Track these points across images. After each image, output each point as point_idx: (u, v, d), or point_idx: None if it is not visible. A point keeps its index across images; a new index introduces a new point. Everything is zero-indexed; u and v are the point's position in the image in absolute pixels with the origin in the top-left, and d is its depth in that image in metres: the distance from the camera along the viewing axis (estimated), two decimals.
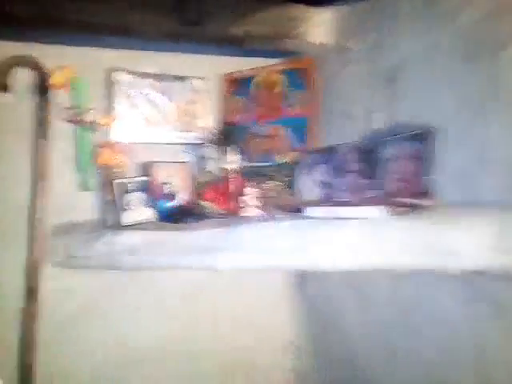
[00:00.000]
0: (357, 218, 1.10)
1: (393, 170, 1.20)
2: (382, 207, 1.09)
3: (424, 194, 1.12)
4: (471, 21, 1.04)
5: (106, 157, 1.43)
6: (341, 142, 1.40)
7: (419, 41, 1.19)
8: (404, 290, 1.26)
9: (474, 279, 1.04)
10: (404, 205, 1.10)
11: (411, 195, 1.12)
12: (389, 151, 1.23)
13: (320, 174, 1.40)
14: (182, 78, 1.59)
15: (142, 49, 1.53)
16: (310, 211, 1.22)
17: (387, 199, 1.13)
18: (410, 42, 1.22)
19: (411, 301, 1.23)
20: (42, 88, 1.40)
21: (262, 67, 1.63)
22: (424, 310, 1.20)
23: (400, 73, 1.25)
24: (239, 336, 1.69)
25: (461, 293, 1.10)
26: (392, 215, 1.07)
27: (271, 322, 1.72)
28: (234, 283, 1.64)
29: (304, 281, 1.70)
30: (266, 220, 1.26)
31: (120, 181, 1.38)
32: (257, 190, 1.38)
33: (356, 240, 1.05)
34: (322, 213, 1.19)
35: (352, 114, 1.44)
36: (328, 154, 1.41)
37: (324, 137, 1.54)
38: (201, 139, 1.54)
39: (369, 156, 1.28)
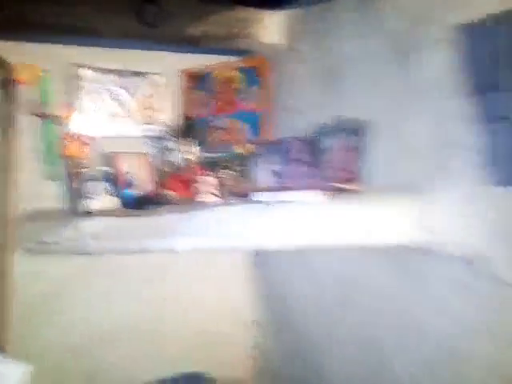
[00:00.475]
0: (298, 202, 1.25)
1: (331, 160, 1.35)
2: (321, 192, 1.24)
3: (357, 179, 1.28)
4: (396, 28, 1.19)
5: (71, 148, 1.52)
6: (291, 135, 1.55)
7: (356, 44, 1.34)
8: (343, 265, 1.42)
9: (398, 253, 1.21)
10: (339, 189, 1.26)
11: (346, 181, 1.28)
12: (329, 143, 1.38)
13: (271, 163, 1.54)
14: (143, 74, 1.68)
15: (105, 46, 1.61)
16: (260, 196, 1.36)
17: (326, 185, 1.29)
18: (348, 45, 1.37)
19: (350, 275, 1.40)
20: (7, 83, 1.46)
21: (220, 64, 1.75)
22: (360, 283, 1.37)
23: (340, 73, 1.40)
24: (203, 316, 1.80)
25: (389, 267, 1.27)
26: (328, 198, 1.22)
27: (233, 302, 1.85)
28: (197, 265, 1.76)
29: (263, 261, 1.84)
30: (221, 205, 1.39)
31: (84, 171, 1.48)
32: (214, 178, 1.50)
33: (297, 221, 1.20)
34: (269, 197, 1.34)
35: (300, 110, 1.59)
36: (279, 145, 1.56)
37: (277, 130, 1.68)
38: (162, 132, 1.65)
39: (313, 147, 1.44)
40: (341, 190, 1.26)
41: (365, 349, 1.37)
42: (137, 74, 1.68)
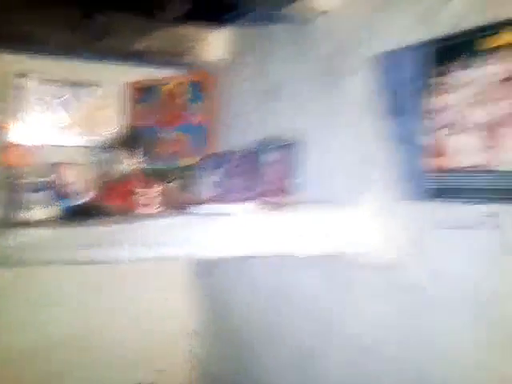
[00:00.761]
0: (236, 213, 1.31)
1: (268, 173, 1.43)
2: (257, 204, 1.31)
3: (290, 192, 1.36)
4: (325, 53, 1.29)
5: (10, 158, 1.50)
6: (233, 149, 1.61)
7: (291, 65, 1.43)
8: (279, 275, 1.49)
9: (327, 263, 1.29)
10: (274, 202, 1.33)
11: (281, 194, 1.36)
12: (266, 157, 1.46)
13: (214, 175, 1.60)
14: (87, 84, 1.70)
15: (51, 55, 1.62)
16: (201, 208, 1.41)
17: (262, 197, 1.35)
18: (284, 66, 1.46)
19: (284, 284, 1.47)
20: None
21: (166, 78, 1.79)
22: (293, 291, 1.44)
23: (277, 91, 1.48)
24: (145, 325, 1.81)
25: (319, 275, 1.35)
26: (264, 210, 1.29)
27: (175, 311, 1.87)
28: (139, 275, 1.77)
29: (204, 270, 1.88)
30: (162, 216, 1.42)
31: (24, 180, 1.46)
32: (156, 189, 1.53)
33: (234, 232, 1.25)
34: (209, 209, 1.39)
35: (243, 125, 1.66)
36: (221, 158, 1.61)
37: (221, 143, 1.74)
38: (105, 142, 1.66)
39: (252, 161, 1.50)
40: (275, 203, 1.32)
41: (298, 354, 1.44)
42: (81, 84, 1.70)
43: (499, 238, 0.92)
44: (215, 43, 1.68)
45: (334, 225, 1.25)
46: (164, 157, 1.72)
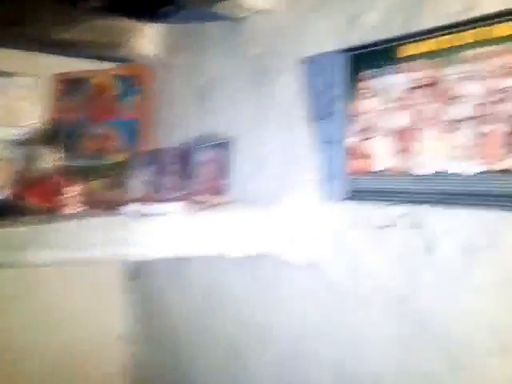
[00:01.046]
0: (167, 213, 1.27)
1: (201, 172, 1.40)
2: (189, 204, 1.28)
3: (223, 192, 1.34)
4: (254, 54, 1.29)
5: None
6: (167, 146, 1.57)
7: (223, 64, 1.42)
8: (210, 275, 1.48)
9: (257, 262, 1.30)
10: (204, 202, 1.31)
11: (213, 193, 1.34)
12: (200, 156, 1.43)
13: (145, 174, 1.54)
14: (8, 74, 1.57)
15: None
16: (129, 208, 1.36)
17: (193, 197, 1.33)
18: (217, 65, 1.44)
19: (215, 285, 1.46)
20: None
21: (97, 70, 1.71)
22: (224, 292, 1.43)
23: (211, 90, 1.47)
24: (74, 331, 1.73)
25: (249, 275, 1.35)
26: (195, 210, 1.27)
27: (105, 316, 1.79)
28: (67, 278, 1.68)
29: (135, 272, 1.82)
30: (86, 216, 1.35)
31: None
32: (82, 187, 1.46)
33: (164, 232, 1.22)
34: (139, 209, 1.34)
35: (177, 122, 1.62)
36: (154, 156, 1.57)
37: (154, 140, 1.69)
38: (26, 136, 1.55)
39: (185, 160, 1.47)
40: (207, 202, 1.31)
41: (232, 354, 1.43)
42: (3, 73, 1.57)
43: (415, 237, 0.97)
44: (150, 38, 1.62)
45: (262, 225, 1.26)
46: (91, 153, 1.63)
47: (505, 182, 0.80)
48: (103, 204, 1.42)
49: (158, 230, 1.25)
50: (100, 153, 1.63)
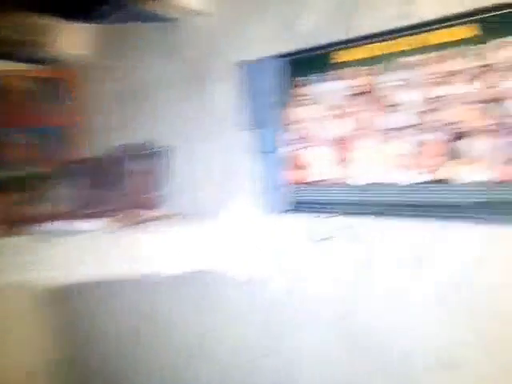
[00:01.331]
0: (91, 231, 1.15)
1: (132, 185, 1.29)
2: (116, 219, 1.16)
3: (154, 205, 1.24)
4: (191, 57, 1.21)
5: None
6: (96, 155, 1.44)
7: (157, 68, 1.32)
8: (139, 296, 1.36)
9: (192, 279, 1.21)
10: (135, 216, 1.20)
11: (144, 207, 1.23)
12: (131, 167, 1.32)
13: (72, 186, 1.40)
14: None
15: None
16: (49, 225, 1.22)
17: (123, 212, 1.21)
18: (151, 68, 1.34)
19: (144, 306, 1.35)
20: None
21: (14, 72, 1.54)
22: (154, 312, 1.32)
23: (143, 94, 1.36)
24: None
25: (183, 293, 1.26)
26: (123, 227, 1.15)
27: (15, 348, 1.60)
28: None
29: (57, 296, 1.64)
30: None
31: None
32: None
33: (79, 252, 1.10)
34: (59, 227, 1.20)
35: (108, 129, 1.49)
36: (81, 166, 1.43)
37: (86, 149, 1.54)
38: None
39: (115, 171, 1.35)
40: (138, 217, 1.20)
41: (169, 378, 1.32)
42: None
43: (353, 250, 0.94)
44: (76, 38, 1.48)
45: (199, 240, 1.17)
46: (11, 163, 1.46)
47: (442, 191, 0.78)
48: (19, 222, 1.26)
49: (83, 250, 1.12)
50: (18, 163, 1.45)
